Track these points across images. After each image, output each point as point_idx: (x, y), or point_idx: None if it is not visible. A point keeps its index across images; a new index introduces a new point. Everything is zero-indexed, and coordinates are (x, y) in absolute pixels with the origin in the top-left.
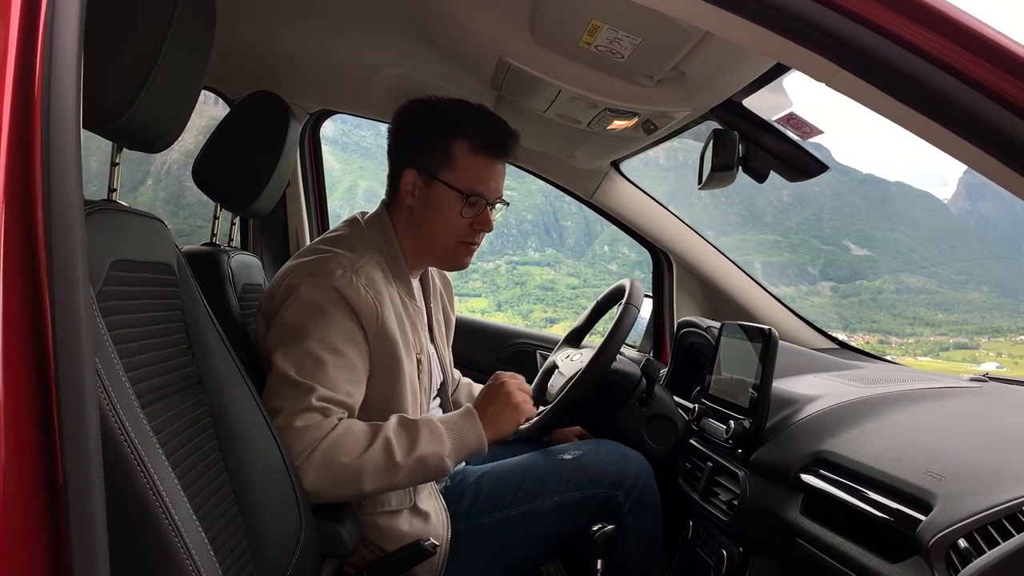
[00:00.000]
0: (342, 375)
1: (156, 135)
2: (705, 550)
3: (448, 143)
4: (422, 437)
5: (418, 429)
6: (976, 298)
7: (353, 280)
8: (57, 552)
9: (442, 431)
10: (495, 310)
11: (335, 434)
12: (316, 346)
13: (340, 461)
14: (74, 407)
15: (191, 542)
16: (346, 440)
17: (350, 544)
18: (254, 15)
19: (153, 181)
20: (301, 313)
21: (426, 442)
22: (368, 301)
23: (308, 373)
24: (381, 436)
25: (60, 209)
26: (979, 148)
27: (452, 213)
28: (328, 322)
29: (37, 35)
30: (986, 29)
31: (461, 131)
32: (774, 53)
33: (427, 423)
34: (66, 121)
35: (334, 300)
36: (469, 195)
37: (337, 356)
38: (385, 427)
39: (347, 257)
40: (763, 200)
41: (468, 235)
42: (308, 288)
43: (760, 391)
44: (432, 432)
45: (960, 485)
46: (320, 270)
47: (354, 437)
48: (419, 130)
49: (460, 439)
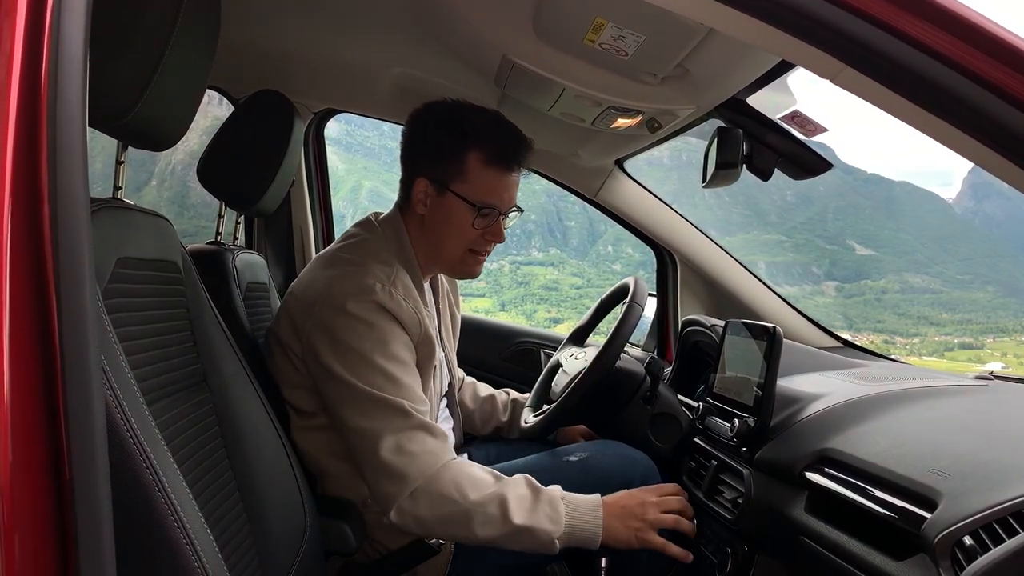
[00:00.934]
0: (415, 384)
1: (161, 133)
2: (710, 548)
3: (462, 154)
4: (540, 509)
5: (539, 499)
6: (981, 298)
7: (393, 294)
8: (64, 548)
9: (562, 513)
10: (499, 310)
11: (454, 467)
12: (383, 362)
13: (456, 498)
14: (80, 404)
15: (196, 539)
16: (465, 479)
17: (355, 542)
18: (259, 14)
19: (157, 182)
20: (357, 333)
21: (542, 516)
22: (410, 312)
23: (389, 390)
24: (500, 489)
25: (66, 206)
26: (983, 144)
27: (464, 224)
28: (383, 337)
29: (43, 33)
30: (990, 25)
31: (474, 142)
32: (778, 50)
33: (551, 497)
34: (72, 118)
35: (382, 314)
36: (481, 207)
37: (404, 367)
38: (508, 482)
39: (382, 269)
40: (767, 200)
41: (479, 244)
42: (355, 306)
43: (764, 389)
44: (552, 508)
45: (965, 483)
46: (360, 287)
47: (473, 480)
48: (432, 138)
49: (576, 528)
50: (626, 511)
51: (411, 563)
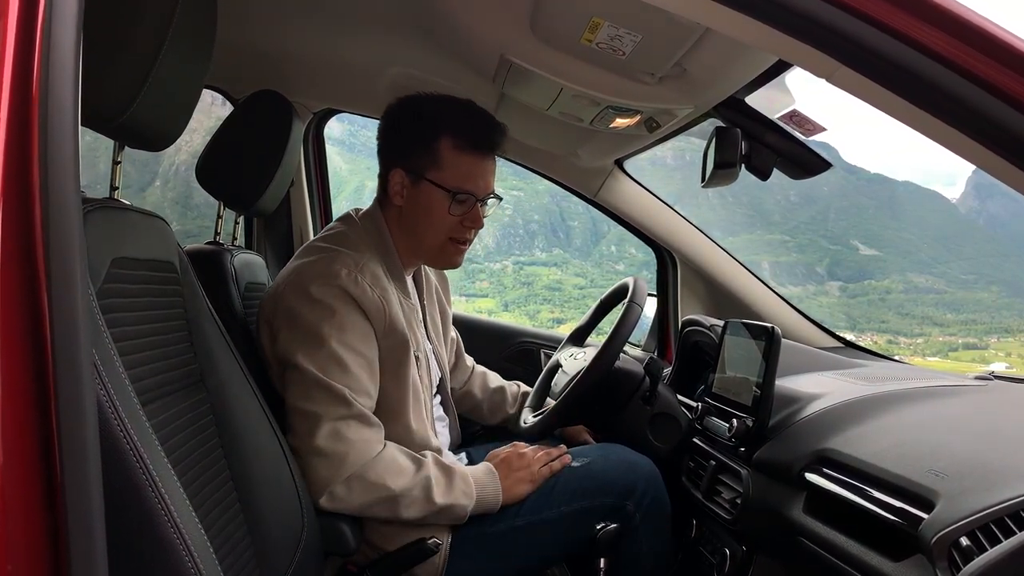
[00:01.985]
0: (364, 375)
1: (158, 133)
2: (708, 549)
3: (433, 141)
4: (456, 487)
5: (453, 478)
6: (985, 298)
7: (359, 279)
8: (55, 548)
9: (472, 486)
10: (502, 310)
11: (385, 456)
12: (336, 348)
13: (386, 485)
14: (72, 403)
15: (191, 539)
16: (393, 467)
17: (352, 542)
18: (258, 14)
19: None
20: (316, 315)
21: (459, 493)
22: (375, 300)
23: (336, 376)
24: (423, 473)
25: (57, 206)
26: (980, 144)
27: (441, 212)
28: (342, 323)
29: (35, 32)
30: (987, 24)
31: (445, 128)
32: (773, 49)
33: (461, 474)
34: (64, 118)
35: (344, 300)
36: (456, 193)
37: (356, 356)
38: (427, 465)
39: (350, 256)
40: (771, 200)
41: (458, 232)
42: (317, 290)
43: (763, 389)
44: (465, 484)
45: (963, 483)
46: (326, 272)
47: (399, 466)
48: (404, 129)
49: (482, 497)
50: (512, 468)
51: (408, 564)
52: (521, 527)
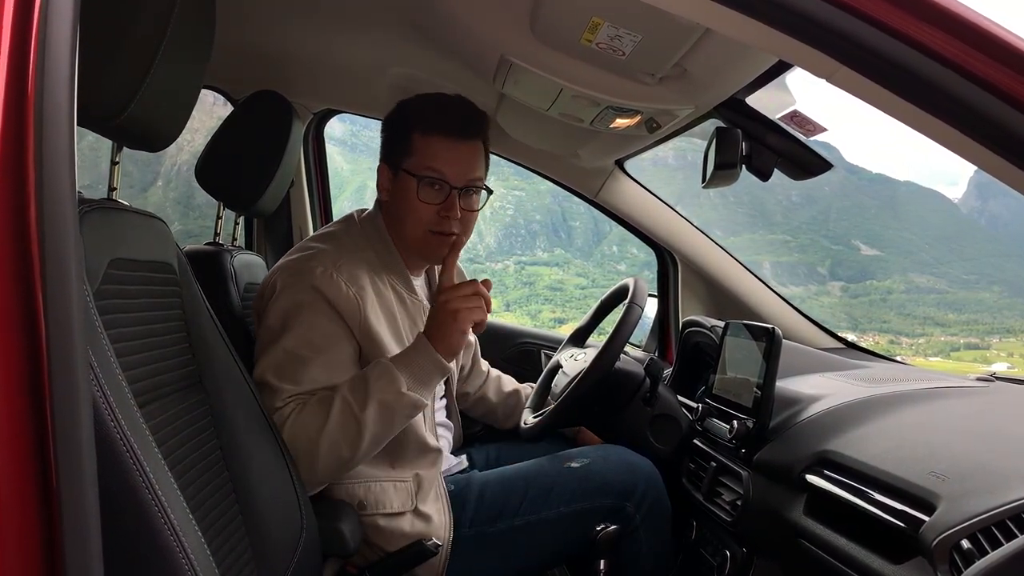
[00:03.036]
0: (320, 371)
1: (156, 134)
2: (709, 550)
3: (407, 132)
4: (372, 383)
5: (368, 375)
6: (987, 298)
7: (334, 276)
8: (51, 554)
9: (391, 368)
10: (504, 310)
11: (294, 414)
12: (295, 345)
13: (307, 436)
14: (67, 406)
15: (187, 542)
16: (305, 417)
17: (352, 544)
18: (257, 15)
19: (163, 182)
20: (283, 313)
21: (377, 385)
22: (349, 297)
23: (284, 373)
24: (337, 398)
25: (53, 207)
26: (980, 143)
27: (412, 199)
28: (307, 321)
29: (31, 30)
30: (987, 24)
31: (414, 118)
32: (773, 49)
33: (376, 366)
34: (60, 118)
35: (314, 298)
36: (423, 176)
37: (318, 354)
38: (340, 387)
39: (329, 254)
40: (772, 200)
41: (436, 223)
42: (289, 288)
43: (764, 390)
44: (382, 373)
45: (964, 485)
46: (302, 269)
47: (312, 411)
48: (388, 128)
49: (415, 370)
50: (438, 323)
51: (409, 565)
52: (521, 528)
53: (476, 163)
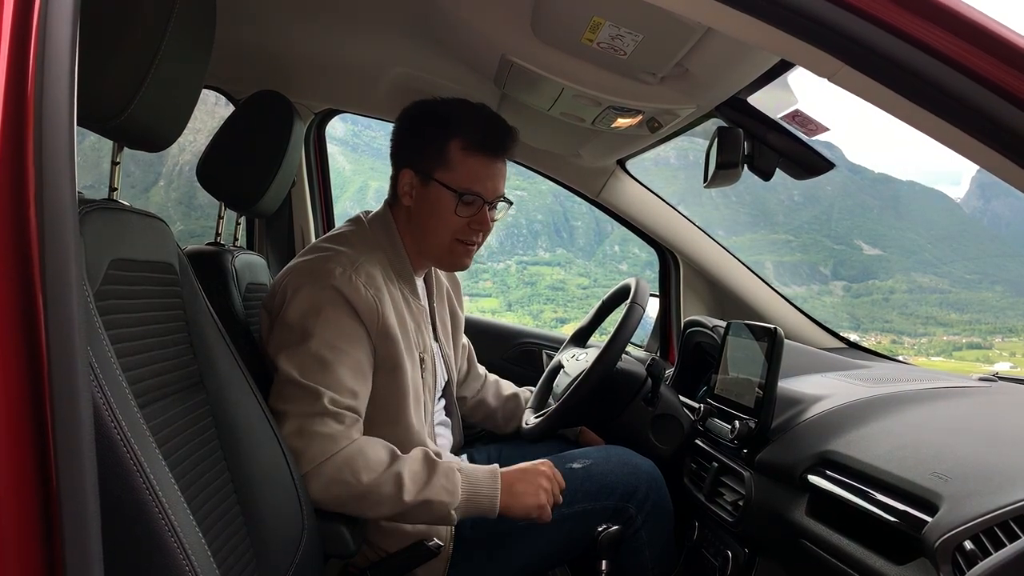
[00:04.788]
0: (347, 374)
1: (157, 134)
2: (710, 551)
3: (443, 143)
4: (435, 482)
5: (434, 473)
6: (989, 297)
7: (353, 278)
8: (51, 549)
9: (457, 483)
10: (506, 310)
11: (350, 451)
12: (319, 347)
13: (348, 480)
14: (68, 407)
15: (188, 542)
16: (359, 461)
17: (353, 544)
18: (258, 14)
19: (165, 182)
20: (303, 314)
21: (438, 488)
22: (368, 299)
23: (312, 375)
24: (395, 469)
25: (53, 207)
26: (983, 143)
27: (447, 213)
28: (329, 322)
29: (31, 30)
30: (990, 22)
31: (456, 130)
32: (775, 48)
33: (447, 469)
34: (60, 118)
35: (334, 300)
36: (464, 194)
37: (340, 355)
38: (403, 460)
39: (347, 255)
40: (774, 200)
41: (465, 234)
42: (309, 289)
43: (766, 391)
44: (448, 480)
45: (967, 486)
46: (320, 270)
47: (367, 461)
48: (417, 131)
49: (474, 497)
50: (523, 483)
51: (410, 565)
52: (522, 529)
53: (504, 178)
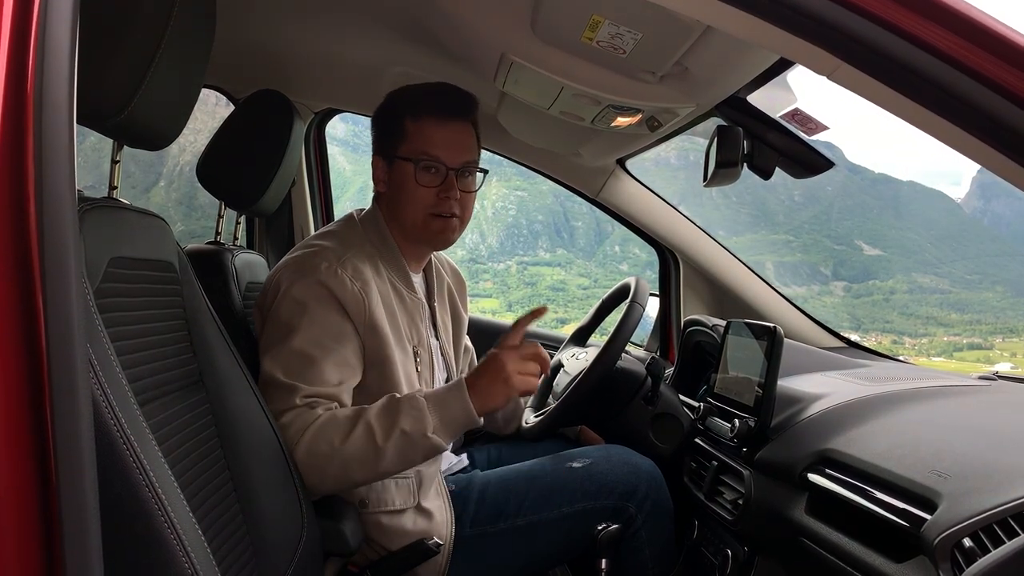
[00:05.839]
0: (332, 370)
1: (156, 132)
2: (710, 550)
3: (399, 121)
4: (403, 415)
5: (399, 407)
6: (990, 298)
7: (339, 272)
8: (50, 547)
9: (423, 406)
10: (506, 310)
11: (317, 424)
12: (303, 344)
13: (322, 451)
14: (68, 405)
15: (187, 539)
16: (328, 429)
17: (353, 543)
18: (258, 14)
19: (166, 182)
20: (289, 311)
21: (407, 419)
22: (354, 292)
23: (295, 372)
24: (362, 420)
25: (53, 205)
26: (984, 142)
27: (411, 184)
28: (315, 319)
29: (31, 29)
30: (989, 20)
31: (404, 105)
32: (774, 46)
33: (409, 399)
34: (59, 116)
35: (320, 295)
36: (419, 160)
37: (326, 352)
38: (368, 410)
39: (333, 250)
40: (775, 200)
41: (436, 205)
42: (294, 285)
43: (765, 389)
44: (414, 408)
45: (966, 484)
46: (306, 265)
47: (336, 424)
48: (377, 122)
49: (446, 413)
50: (488, 378)
51: (410, 564)
52: (522, 528)
53: (469, 144)
